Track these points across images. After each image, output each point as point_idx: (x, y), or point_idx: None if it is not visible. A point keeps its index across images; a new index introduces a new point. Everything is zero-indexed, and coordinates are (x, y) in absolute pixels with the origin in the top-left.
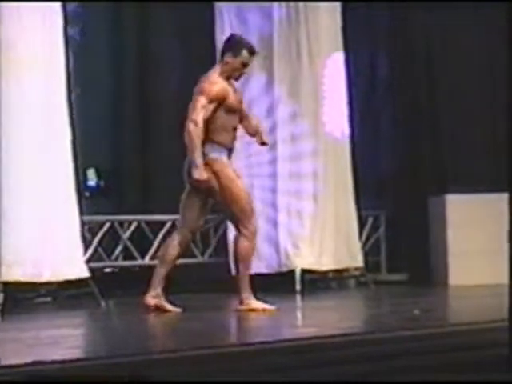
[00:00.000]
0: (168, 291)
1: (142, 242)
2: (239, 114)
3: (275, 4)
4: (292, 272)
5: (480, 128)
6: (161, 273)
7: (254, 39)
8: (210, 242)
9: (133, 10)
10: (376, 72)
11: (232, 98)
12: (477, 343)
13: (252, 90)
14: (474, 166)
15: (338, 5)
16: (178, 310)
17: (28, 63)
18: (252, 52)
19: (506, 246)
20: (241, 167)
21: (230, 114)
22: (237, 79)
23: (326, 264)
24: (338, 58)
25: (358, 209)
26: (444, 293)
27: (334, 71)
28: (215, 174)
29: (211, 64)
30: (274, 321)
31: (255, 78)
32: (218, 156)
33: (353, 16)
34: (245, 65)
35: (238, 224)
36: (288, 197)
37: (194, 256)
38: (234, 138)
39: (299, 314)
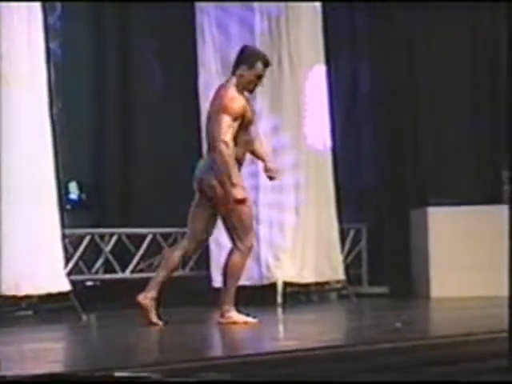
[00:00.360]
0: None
1: (123, 255)
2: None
3: (257, 17)
4: (273, 285)
5: (462, 140)
6: (159, 277)
7: (235, 52)
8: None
9: (113, 23)
10: (357, 83)
11: (249, 114)
12: (459, 355)
13: None
14: (455, 179)
15: (319, 16)
16: (160, 323)
17: (11, 78)
18: (266, 64)
19: (487, 258)
20: None
21: (244, 129)
22: (251, 91)
23: (307, 277)
24: (320, 70)
25: (340, 221)
26: (425, 305)
27: (315, 83)
28: (223, 184)
29: (194, 74)
30: (256, 334)
31: None
32: None
33: (334, 25)
34: (259, 77)
35: (235, 237)
36: (270, 209)
37: None
38: (245, 152)
39: (280, 327)
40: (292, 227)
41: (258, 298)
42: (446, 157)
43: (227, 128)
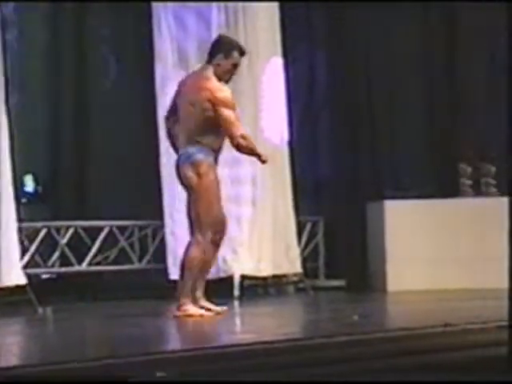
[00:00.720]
0: (107, 297)
1: (79, 247)
2: None
3: (214, 9)
4: (230, 278)
5: (420, 133)
6: (190, 280)
7: (193, 45)
8: (148, 248)
9: (69, 15)
10: (315, 76)
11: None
12: (414, 348)
13: None
14: (412, 172)
15: (276, 9)
16: (217, 309)
17: None
18: (242, 52)
19: (443, 252)
20: None
21: None
22: (227, 82)
23: (264, 270)
24: (277, 63)
25: (297, 214)
26: (382, 299)
27: (272, 76)
28: (199, 175)
29: (150, 67)
30: (213, 327)
31: None
32: (204, 158)
33: (291, 18)
34: (235, 66)
35: (196, 229)
36: (226, 202)
37: (131, 262)
38: (223, 142)
39: (238, 320)
40: (249, 220)
41: (215, 291)
42: (403, 150)
43: (236, 121)
